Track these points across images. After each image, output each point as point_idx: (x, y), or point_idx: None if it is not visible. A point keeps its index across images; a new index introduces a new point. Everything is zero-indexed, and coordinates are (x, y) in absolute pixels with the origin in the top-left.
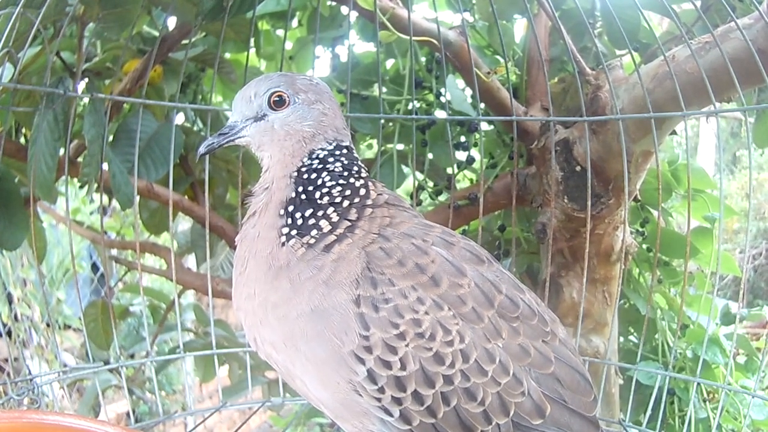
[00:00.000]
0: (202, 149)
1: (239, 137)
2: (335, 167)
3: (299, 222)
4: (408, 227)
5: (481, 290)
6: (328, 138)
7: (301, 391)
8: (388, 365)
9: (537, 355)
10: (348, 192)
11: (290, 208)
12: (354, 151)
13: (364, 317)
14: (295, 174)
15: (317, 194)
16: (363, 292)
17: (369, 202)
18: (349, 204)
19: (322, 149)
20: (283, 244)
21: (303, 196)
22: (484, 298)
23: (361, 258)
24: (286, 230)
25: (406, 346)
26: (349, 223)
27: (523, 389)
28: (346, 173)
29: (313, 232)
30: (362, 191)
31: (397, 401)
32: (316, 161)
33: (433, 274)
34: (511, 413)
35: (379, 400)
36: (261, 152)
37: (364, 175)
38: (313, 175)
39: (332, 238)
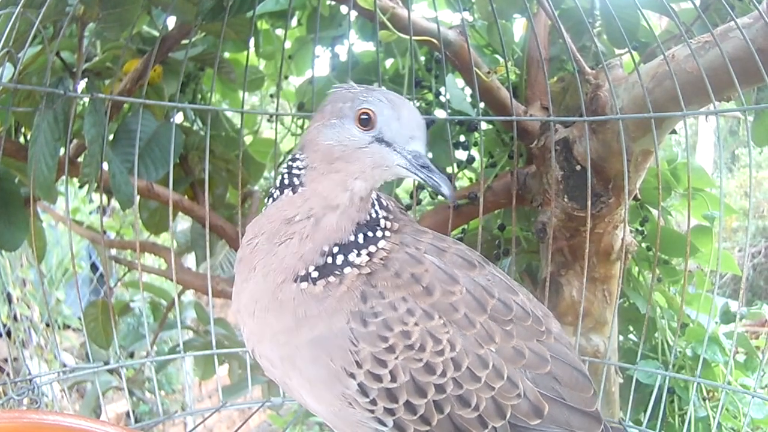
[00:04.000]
0: (449, 193)
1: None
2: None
3: (330, 263)
4: (402, 236)
5: (473, 296)
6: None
7: (297, 398)
8: (378, 378)
9: (532, 356)
10: (387, 223)
11: (335, 250)
12: None
13: (353, 332)
14: (360, 222)
15: (360, 237)
16: (352, 307)
17: (397, 226)
18: (381, 236)
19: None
20: (296, 280)
21: (360, 240)
22: (476, 304)
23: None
24: (312, 268)
25: (396, 358)
26: (368, 258)
27: (518, 391)
28: (385, 203)
29: (330, 278)
30: (386, 223)
31: (390, 412)
32: (377, 205)
33: (427, 284)
34: (508, 416)
35: (372, 411)
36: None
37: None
38: (371, 218)
39: (348, 270)
